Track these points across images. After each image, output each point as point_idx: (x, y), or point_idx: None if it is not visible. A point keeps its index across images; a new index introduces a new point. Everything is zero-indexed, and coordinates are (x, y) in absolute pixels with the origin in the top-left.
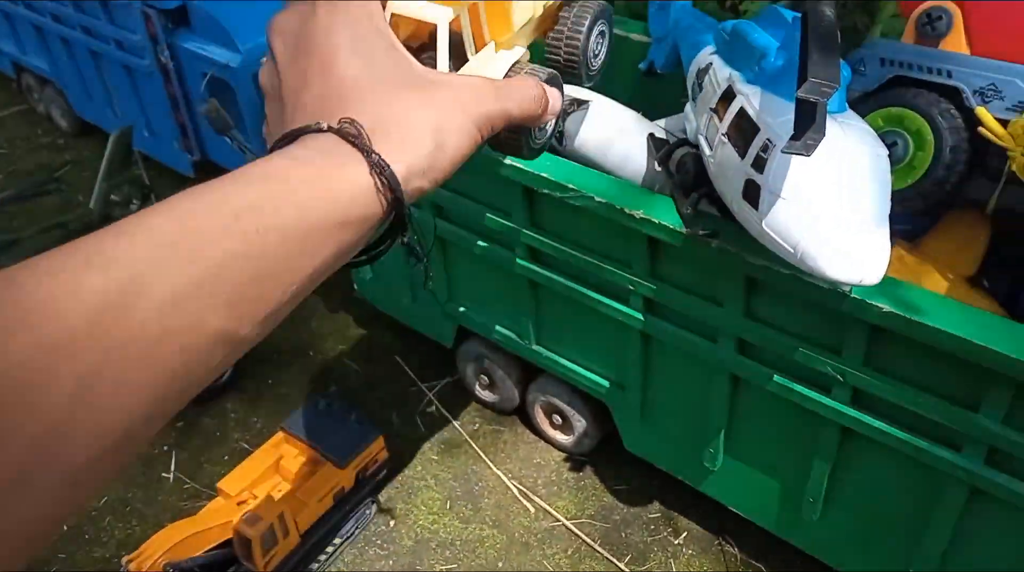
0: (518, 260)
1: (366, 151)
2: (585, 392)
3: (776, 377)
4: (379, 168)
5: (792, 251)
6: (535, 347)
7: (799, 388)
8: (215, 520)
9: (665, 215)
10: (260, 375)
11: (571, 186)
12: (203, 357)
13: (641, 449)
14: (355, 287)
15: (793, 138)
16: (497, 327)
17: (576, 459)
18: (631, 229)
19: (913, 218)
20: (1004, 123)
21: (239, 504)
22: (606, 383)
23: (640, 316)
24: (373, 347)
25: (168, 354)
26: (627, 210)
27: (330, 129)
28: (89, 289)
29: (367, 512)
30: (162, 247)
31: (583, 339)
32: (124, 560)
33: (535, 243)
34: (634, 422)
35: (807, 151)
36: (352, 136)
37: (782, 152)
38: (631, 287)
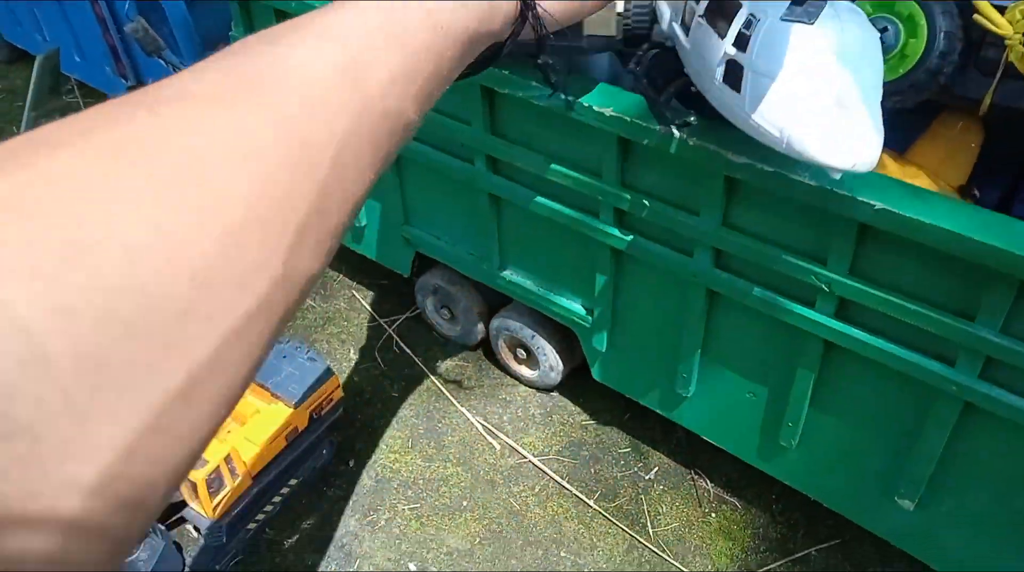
0: (478, 172)
1: None
2: (550, 323)
3: (756, 290)
4: None
5: (778, 136)
6: (499, 272)
7: (781, 301)
8: None
9: (637, 112)
10: None
11: (534, 84)
12: (396, 145)
13: (610, 379)
14: None
15: (794, 3)
16: (458, 251)
17: (543, 394)
18: (600, 130)
19: (899, 129)
20: (1001, 10)
21: None
22: (574, 308)
23: (611, 230)
24: (327, 280)
25: (384, 135)
26: (595, 107)
27: None
28: (328, 59)
29: (324, 452)
30: (375, 32)
31: (550, 259)
32: None
33: (496, 152)
34: (603, 350)
35: (809, 18)
36: None
37: (781, 19)
38: (600, 198)
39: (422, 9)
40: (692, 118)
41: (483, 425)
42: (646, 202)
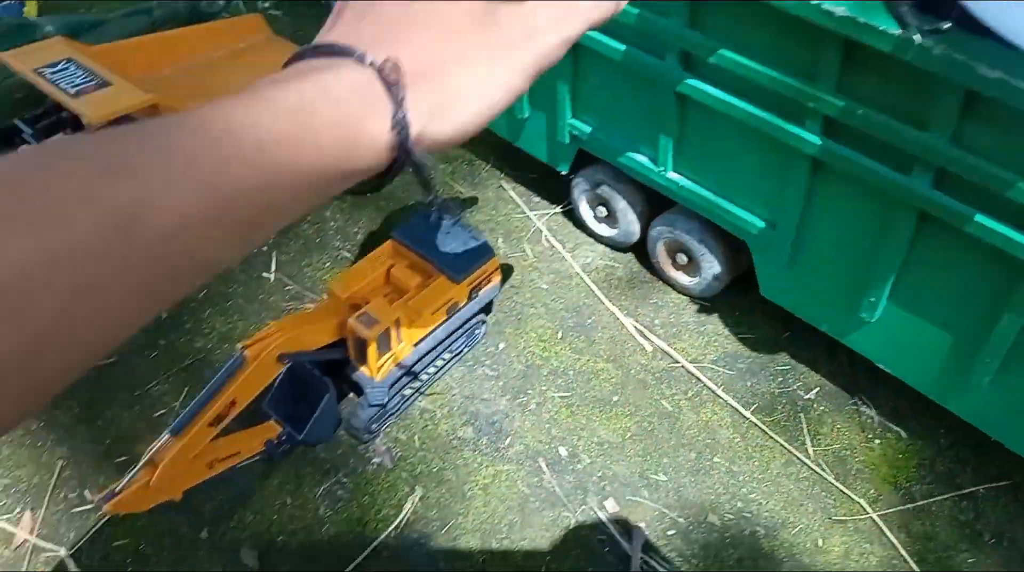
0: (668, 68)
1: (397, 103)
2: (720, 230)
3: (979, 217)
4: (400, 126)
5: None
6: (671, 175)
7: (1007, 231)
8: (329, 318)
9: (871, 14)
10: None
11: None
12: (185, 284)
13: (780, 296)
14: None
15: None
16: (627, 151)
17: (697, 302)
18: (824, 30)
19: None
20: None
21: (351, 307)
22: (752, 219)
23: (817, 140)
24: (477, 170)
25: (159, 278)
26: (824, 6)
27: (372, 65)
28: (101, 200)
29: (477, 332)
30: (182, 168)
31: (733, 167)
32: (240, 346)
33: (693, 48)
34: (779, 266)
35: None
36: (390, 83)
37: None
38: (811, 103)
39: (253, 146)
40: (946, 24)
41: (634, 326)
42: (861, 111)
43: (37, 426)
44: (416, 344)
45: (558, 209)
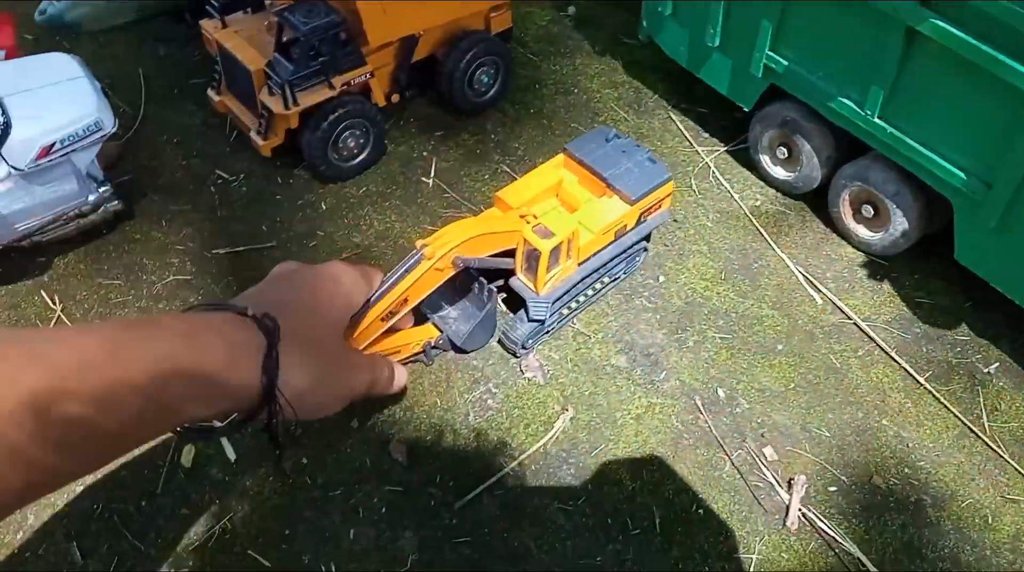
0: (904, 3)
1: (270, 343)
2: (919, 185)
3: None
4: (273, 360)
5: None
6: (876, 120)
7: None
8: (502, 226)
9: None
10: (522, 101)
11: None
12: (36, 487)
13: (978, 262)
14: (643, 23)
15: None
16: (829, 90)
17: (873, 260)
18: None
19: None
20: None
21: (520, 218)
22: (964, 176)
23: None
24: (643, 98)
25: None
26: None
27: (254, 317)
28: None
29: (637, 260)
30: (83, 362)
31: (953, 116)
32: (419, 243)
33: None
34: (984, 230)
35: None
36: (269, 329)
37: None
38: None
39: (144, 358)
40: None
41: (804, 275)
42: None
43: (196, 299)
44: (581, 263)
45: (728, 147)
